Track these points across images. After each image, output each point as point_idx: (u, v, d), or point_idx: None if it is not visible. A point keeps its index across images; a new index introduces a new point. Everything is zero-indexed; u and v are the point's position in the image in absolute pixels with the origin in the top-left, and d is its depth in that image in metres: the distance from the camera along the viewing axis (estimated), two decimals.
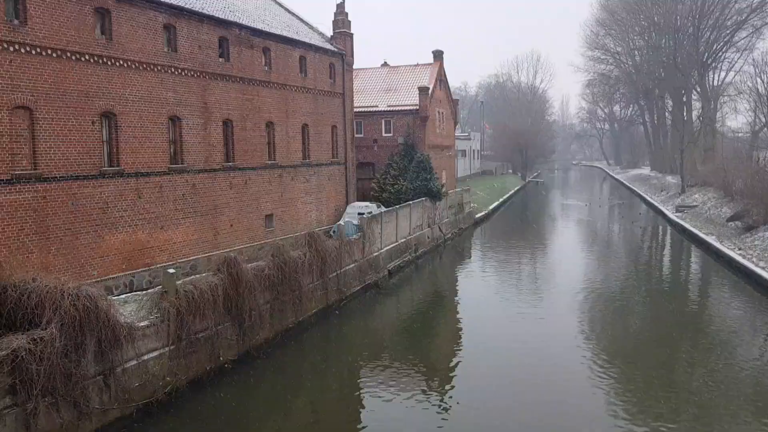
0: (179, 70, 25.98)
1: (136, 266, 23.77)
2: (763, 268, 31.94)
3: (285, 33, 34.02)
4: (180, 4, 26.09)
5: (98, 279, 21.83)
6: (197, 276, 23.07)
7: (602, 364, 22.06)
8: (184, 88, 26.31)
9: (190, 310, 19.42)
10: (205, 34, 27.49)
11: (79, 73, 21.51)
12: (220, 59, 28.62)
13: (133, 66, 23.70)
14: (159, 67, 24.94)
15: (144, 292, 21.29)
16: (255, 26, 31.07)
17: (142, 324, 18.13)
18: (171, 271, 20.11)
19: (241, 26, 29.82)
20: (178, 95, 25.98)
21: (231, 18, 29.50)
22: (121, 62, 23.17)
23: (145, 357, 17.97)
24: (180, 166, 26.23)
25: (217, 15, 28.32)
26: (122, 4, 23.17)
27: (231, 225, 29.16)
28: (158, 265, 24.39)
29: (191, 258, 26.58)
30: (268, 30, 32.05)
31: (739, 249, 37.26)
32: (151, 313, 18.84)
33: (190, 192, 26.65)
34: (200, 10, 27.25)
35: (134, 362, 17.56)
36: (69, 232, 21.11)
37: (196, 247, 26.97)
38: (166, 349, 18.72)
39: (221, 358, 20.87)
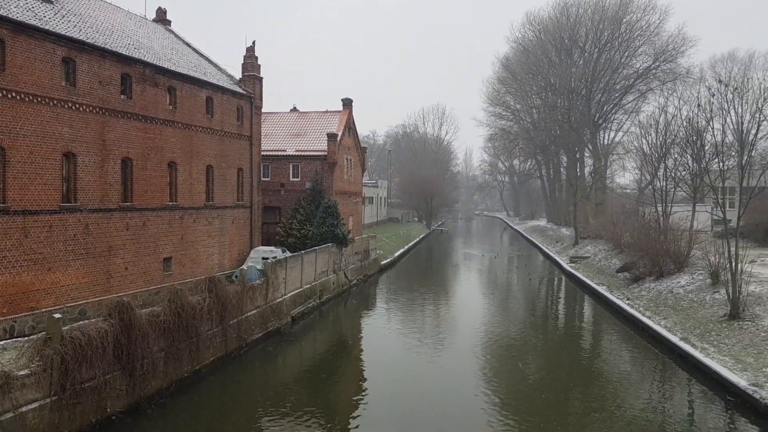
0: (77, 105, 24.97)
1: (18, 310, 22.21)
2: (648, 317, 33.75)
3: (192, 73, 33.58)
4: (82, 38, 25.30)
5: None
6: (86, 321, 21.78)
7: (500, 410, 22.39)
8: (82, 124, 25.28)
9: (76, 358, 18.25)
10: (107, 69, 26.68)
11: None
12: (122, 96, 27.79)
13: (27, 99, 22.60)
14: (55, 101, 23.89)
15: (26, 338, 19.84)
16: (160, 64, 30.50)
17: (21, 373, 16.83)
18: (57, 316, 18.90)
19: (145, 63, 29.17)
20: (75, 131, 24.91)
21: (135, 55, 28.84)
22: (14, 94, 22.05)
23: (24, 409, 16.65)
24: (73, 204, 24.98)
25: (120, 51, 27.64)
26: (18, 36, 22.18)
27: (126, 268, 27.89)
28: (43, 310, 22.91)
29: (81, 302, 25.14)
30: (173, 69, 31.52)
31: (628, 299, 39.28)
32: (32, 361, 17.56)
33: (82, 232, 25.36)
34: (103, 45, 26.51)
35: (11, 414, 16.20)
36: None
37: (87, 290, 25.56)
38: (48, 400, 17.42)
39: (109, 410, 19.61)
